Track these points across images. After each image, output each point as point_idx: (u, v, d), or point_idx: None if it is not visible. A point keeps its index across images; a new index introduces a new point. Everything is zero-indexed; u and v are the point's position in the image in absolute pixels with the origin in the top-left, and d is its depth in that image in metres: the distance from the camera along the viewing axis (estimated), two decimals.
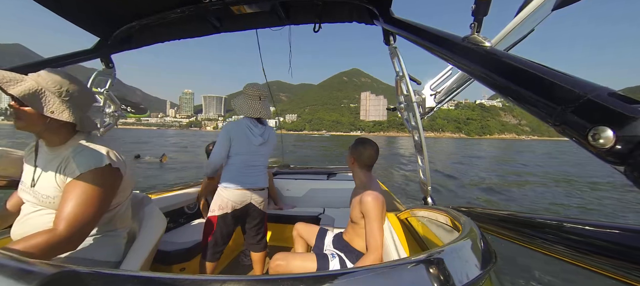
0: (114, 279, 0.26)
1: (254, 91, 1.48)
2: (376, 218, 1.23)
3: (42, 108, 0.76)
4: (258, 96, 1.49)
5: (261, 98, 1.50)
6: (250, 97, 1.48)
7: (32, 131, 0.82)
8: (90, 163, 0.79)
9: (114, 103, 1.84)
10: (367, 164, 1.38)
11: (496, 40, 0.78)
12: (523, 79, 0.40)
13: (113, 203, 0.90)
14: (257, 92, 1.48)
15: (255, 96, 1.48)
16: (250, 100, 1.48)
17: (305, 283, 0.24)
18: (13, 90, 0.73)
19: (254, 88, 1.48)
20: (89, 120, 0.91)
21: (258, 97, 1.49)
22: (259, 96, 1.49)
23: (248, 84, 1.53)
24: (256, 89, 1.48)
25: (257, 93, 1.48)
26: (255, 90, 1.48)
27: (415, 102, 1.43)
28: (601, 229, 0.36)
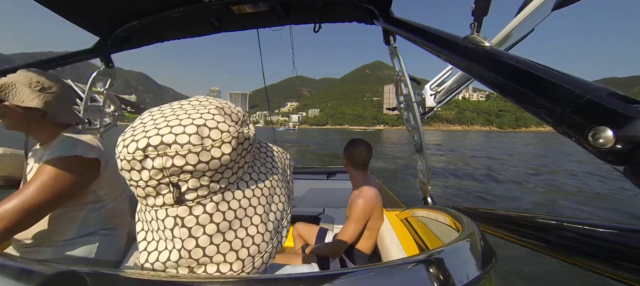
0: (114, 279, 0.26)
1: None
2: (355, 220, 1.29)
3: (14, 99, 0.81)
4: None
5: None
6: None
7: (18, 127, 0.86)
8: (59, 151, 0.80)
9: (114, 103, 1.84)
10: (360, 164, 1.40)
11: (496, 40, 0.78)
12: (523, 79, 0.40)
13: (105, 196, 0.91)
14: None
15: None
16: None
17: (305, 283, 0.24)
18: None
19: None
20: (69, 113, 0.94)
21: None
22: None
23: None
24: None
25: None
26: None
27: (415, 102, 1.43)
28: (601, 229, 0.36)
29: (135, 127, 0.32)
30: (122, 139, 0.31)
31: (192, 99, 0.37)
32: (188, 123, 0.30)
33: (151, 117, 0.33)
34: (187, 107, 0.34)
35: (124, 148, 0.30)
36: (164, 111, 0.34)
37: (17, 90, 0.82)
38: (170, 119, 0.31)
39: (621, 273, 0.32)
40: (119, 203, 0.98)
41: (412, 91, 1.44)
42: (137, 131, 0.31)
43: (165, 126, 0.30)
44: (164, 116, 0.32)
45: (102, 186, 0.90)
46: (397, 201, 2.18)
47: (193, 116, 0.31)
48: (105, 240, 0.92)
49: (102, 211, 0.91)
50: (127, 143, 0.30)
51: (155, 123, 0.31)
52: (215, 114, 0.33)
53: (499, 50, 0.50)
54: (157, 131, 0.30)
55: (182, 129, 0.29)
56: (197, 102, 0.35)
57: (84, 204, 0.88)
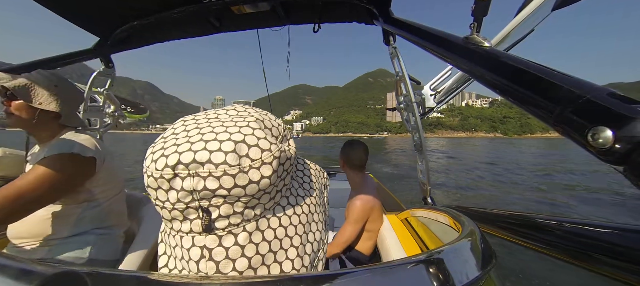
0: (114, 279, 0.26)
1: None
2: (352, 221, 1.29)
3: (31, 100, 0.83)
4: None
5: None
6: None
7: (23, 126, 0.87)
8: (56, 149, 0.80)
9: (114, 103, 1.84)
10: (357, 165, 1.40)
11: (496, 40, 0.78)
12: (522, 79, 0.40)
13: (100, 195, 0.92)
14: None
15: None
16: None
17: (305, 283, 0.24)
18: (7, 84, 0.80)
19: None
20: (76, 117, 0.97)
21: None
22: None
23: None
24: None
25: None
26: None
27: (415, 102, 1.43)
28: (601, 229, 0.36)
29: (167, 139, 0.28)
30: (151, 152, 0.27)
31: (229, 108, 0.33)
32: (225, 138, 0.26)
33: (184, 128, 0.29)
34: (224, 117, 0.30)
35: (152, 163, 0.26)
36: (198, 122, 0.30)
37: (36, 91, 0.84)
38: (205, 132, 0.27)
39: (621, 273, 0.32)
40: (114, 202, 0.98)
41: (412, 91, 1.44)
42: (168, 143, 0.27)
43: (199, 141, 0.26)
44: (198, 127, 0.28)
45: (97, 184, 0.90)
46: (397, 202, 2.18)
47: (230, 130, 0.28)
48: (101, 239, 0.92)
49: (96, 210, 0.92)
50: (157, 158, 0.26)
51: (189, 136, 0.27)
52: (256, 128, 0.29)
53: (498, 50, 0.50)
54: (189, 145, 0.26)
55: (217, 146, 0.26)
56: (234, 112, 0.31)
57: (78, 203, 0.88)
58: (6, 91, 0.82)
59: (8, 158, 1.09)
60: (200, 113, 0.32)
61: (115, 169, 0.99)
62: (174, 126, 0.30)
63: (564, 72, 0.36)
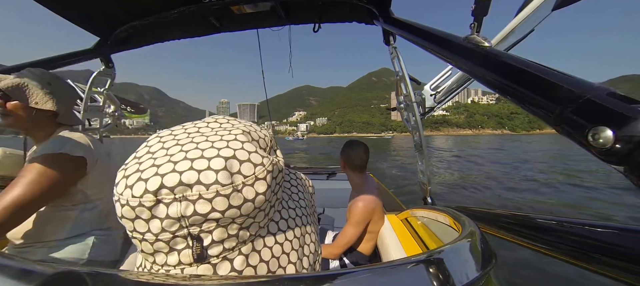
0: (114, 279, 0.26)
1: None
2: (354, 223, 1.28)
3: (27, 100, 0.81)
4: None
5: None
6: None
7: (19, 126, 0.86)
8: (46, 149, 0.79)
9: (114, 103, 1.84)
10: (358, 166, 1.40)
11: (496, 40, 0.78)
12: (523, 79, 0.40)
13: (95, 196, 0.91)
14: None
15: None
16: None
17: (305, 283, 0.24)
18: (0, 84, 0.78)
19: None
20: (73, 115, 0.96)
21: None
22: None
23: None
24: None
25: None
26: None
27: (415, 102, 1.43)
28: (601, 229, 0.36)
29: (141, 159, 0.24)
30: (123, 176, 0.23)
31: (210, 120, 0.30)
32: (212, 155, 0.24)
33: (162, 145, 0.25)
34: (206, 131, 0.27)
35: (126, 189, 0.22)
36: (177, 136, 0.27)
37: (31, 91, 0.83)
38: (188, 149, 0.24)
39: (621, 273, 0.32)
40: (113, 204, 0.97)
41: (412, 91, 1.44)
42: (145, 164, 0.23)
43: (183, 159, 0.23)
44: (179, 143, 0.25)
45: (89, 185, 0.89)
46: (397, 202, 2.18)
47: (217, 145, 0.25)
48: (100, 240, 0.92)
49: (94, 212, 0.91)
50: (132, 183, 0.22)
51: (169, 154, 0.24)
52: (244, 141, 0.26)
53: (498, 50, 0.50)
54: (172, 165, 0.23)
55: (206, 164, 0.23)
56: (217, 125, 0.29)
57: (74, 204, 0.88)
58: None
59: (8, 158, 1.09)
60: (177, 127, 0.29)
61: (111, 170, 0.97)
62: (147, 142, 0.27)
63: (564, 72, 0.36)
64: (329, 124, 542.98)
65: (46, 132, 0.89)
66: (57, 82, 0.90)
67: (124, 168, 0.25)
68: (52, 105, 0.86)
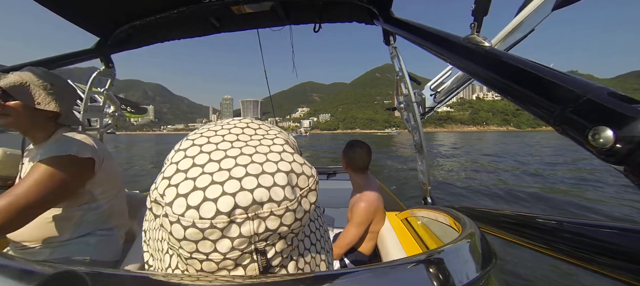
0: (114, 279, 0.26)
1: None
2: (356, 224, 1.29)
3: (29, 100, 0.80)
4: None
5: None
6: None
7: (18, 127, 0.84)
8: (53, 151, 0.78)
9: (114, 103, 1.84)
10: (360, 166, 1.40)
11: (496, 40, 0.78)
12: (523, 79, 0.40)
13: (100, 196, 0.91)
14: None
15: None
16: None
17: (304, 283, 0.24)
18: (1, 83, 0.76)
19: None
20: (73, 115, 0.95)
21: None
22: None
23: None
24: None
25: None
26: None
27: (415, 102, 1.43)
28: (601, 229, 0.36)
29: (189, 172, 0.23)
30: (177, 194, 0.22)
31: (242, 125, 0.29)
32: (273, 170, 0.23)
33: (207, 156, 0.24)
34: (246, 138, 0.27)
35: (190, 210, 0.21)
36: (218, 145, 0.25)
37: (33, 90, 0.81)
38: (244, 162, 0.24)
39: (621, 273, 0.32)
40: (116, 203, 0.97)
41: (412, 91, 1.44)
42: (202, 180, 0.22)
43: (245, 176, 0.22)
44: (227, 155, 0.24)
45: (97, 185, 0.89)
46: (397, 202, 2.18)
47: (272, 157, 0.25)
48: (103, 240, 0.92)
49: (98, 212, 0.91)
50: (196, 203, 0.21)
51: (224, 168, 0.23)
52: (293, 152, 0.26)
53: (499, 50, 0.50)
54: (238, 183, 0.22)
55: (270, 180, 0.23)
56: (252, 131, 0.28)
57: (80, 205, 0.87)
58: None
59: (8, 158, 1.09)
60: (209, 132, 0.28)
61: (115, 169, 0.97)
62: (186, 151, 0.25)
63: (564, 72, 0.36)
64: (332, 120, 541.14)
65: (46, 132, 0.88)
66: (59, 83, 0.89)
67: (172, 184, 0.22)
68: (54, 106, 0.84)
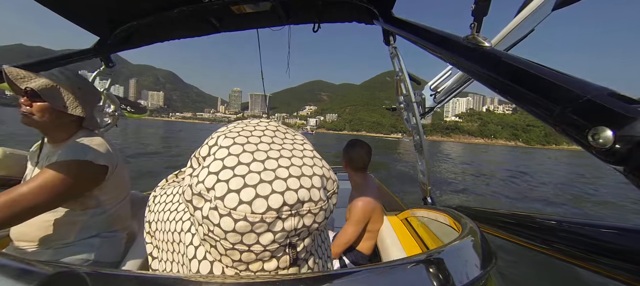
0: (114, 279, 0.26)
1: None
2: (354, 222, 1.29)
3: (57, 103, 0.81)
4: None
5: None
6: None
7: (41, 127, 0.85)
8: (69, 154, 0.78)
9: (114, 103, 1.84)
10: (359, 166, 1.40)
11: (496, 40, 0.77)
12: (523, 79, 0.40)
13: (107, 201, 0.90)
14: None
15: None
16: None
17: (305, 283, 0.24)
18: (31, 84, 0.77)
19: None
20: (94, 118, 0.95)
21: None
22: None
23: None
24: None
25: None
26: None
27: (415, 102, 1.43)
28: (601, 229, 0.36)
29: (236, 169, 0.25)
30: (228, 189, 0.24)
31: (271, 127, 0.31)
32: (309, 173, 0.26)
33: (251, 155, 0.26)
34: (279, 141, 0.29)
35: (243, 205, 0.23)
36: (258, 145, 0.28)
37: (62, 93, 0.82)
38: (285, 165, 0.26)
39: (621, 273, 0.32)
40: (120, 207, 0.97)
41: (412, 91, 1.44)
42: (251, 178, 0.24)
43: (289, 177, 0.25)
44: (269, 156, 0.27)
45: (105, 191, 0.89)
46: (397, 202, 2.18)
47: (307, 162, 0.28)
48: (106, 242, 0.92)
49: (104, 216, 0.91)
50: (249, 199, 0.23)
51: (268, 168, 0.25)
52: (320, 158, 0.29)
53: (499, 50, 0.50)
54: (284, 183, 0.25)
55: (310, 183, 0.25)
56: (282, 134, 0.30)
57: (85, 209, 0.87)
58: (26, 90, 0.79)
59: (8, 158, 1.09)
60: (245, 132, 0.29)
61: (124, 174, 0.97)
62: (229, 148, 0.27)
63: (564, 72, 0.36)
64: (339, 121, 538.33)
65: (67, 134, 0.88)
66: (85, 86, 0.90)
67: (222, 179, 0.24)
68: (81, 110, 0.85)
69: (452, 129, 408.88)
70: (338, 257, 1.38)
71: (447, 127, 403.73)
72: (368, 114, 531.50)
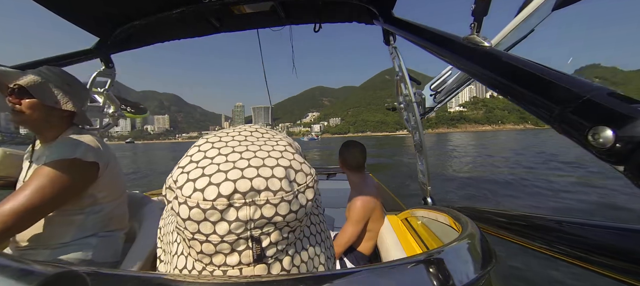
0: (114, 279, 0.26)
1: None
2: (353, 222, 1.30)
3: (47, 98, 0.80)
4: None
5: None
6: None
7: (31, 125, 0.84)
8: (59, 153, 0.77)
9: (114, 103, 1.84)
10: (354, 165, 1.42)
11: (496, 40, 0.78)
12: (523, 79, 0.40)
13: (103, 200, 0.90)
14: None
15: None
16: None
17: (304, 283, 0.24)
18: (19, 81, 0.77)
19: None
20: (85, 116, 0.95)
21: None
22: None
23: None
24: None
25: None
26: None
27: (415, 102, 1.43)
28: (601, 229, 0.36)
29: (200, 162, 0.26)
30: (187, 179, 0.25)
31: (250, 129, 0.32)
32: (273, 164, 0.26)
33: (217, 150, 0.27)
34: (253, 139, 0.29)
35: (196, 192, 0.24)
36: (228, 143, 0.28)
37: (51, 90, 0.82)
38: (248, 157, 0.26)
39: (621, 273, 0.32)
40: (117, 206, 0.97)
41: (412, 91, 1.44)
42: (210, 169, 0.25)
43: (248, 167, 0.25)
44: (235, 151, 0.27)
45: (100, 189, 0.89)
46: (397, 202, 2.18)
47: (274, 154, 0.27)
48: (103, 242, 0.91)
49: (100, 215, 0.90)
50: (202, 186, 0.24)
51: (230, 161, 0.26)
52: (294, 152, 0.29)
53: (498, 50, 0.50)
54: (240, 172, 0.25)
55: (269, 172, 0.25)
56: (259, 135, 0.31)
57: (82, 208, 0.87)
58: (14, 88, 0.78)
59: (7, 158, 1.09)
60: (222, 134, 0.31)
61: (118, 172, 0.97)
62: (200, 147, 0.28)
63: (564, 72, 0.36)
64: (343, 124, 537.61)
65: (56, 132, 0.88)
66: (74, 82, 0.90)
67: (185, 171, 0.26)
68: (71, 106, 0.85)
69: (457, 119, 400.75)
70: (338, 258, 1.38)
71: (452, 118, 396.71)
72: (371, 114, 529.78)
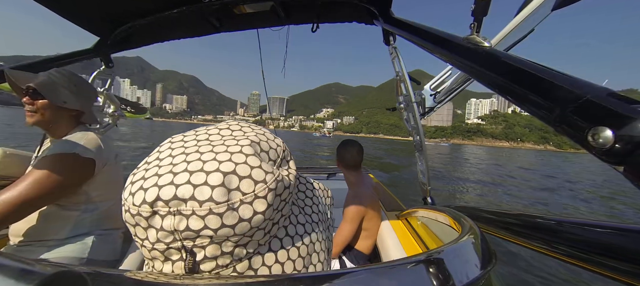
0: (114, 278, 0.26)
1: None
2: (348, 220, 1.31)
3: (56, 98, 0.86)
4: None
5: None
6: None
7: (43, 124, 0.89)
8: (59, 148, 0.81)
9: (114, 103, 1.84)
10: (351, 165, 1.43)
11: (496, 40, 0.78)
12: (522, 79, 0.40)
13: (97, 198, 0.91)
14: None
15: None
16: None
17: (304, 283, 0.24)
18: (32, 83, 0.83)
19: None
20: (92, 114, 1.00)
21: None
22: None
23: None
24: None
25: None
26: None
27: (415, 102, 1.44)
28: (601, 229, 0.36)
29: (149, 165, 0.25)
30: (130, 181, 0.24)
31: (223, 126, 0.30)
32: (212, 169, 0.23)
33: (170, 151, 0.26)
34: (215, 138, 0.27)
35: (130, 197, 0.23)
36: (186, 142, 0.27)
37: (59, 90, 0.87)
38: (191, 160, 0.24)
39: (621, 273, 0.32)
40: (114, 206, 0.97)
41: (412, 91, 1.44)
42: (150, 172, 0.24)
43: (183, 171, 0.23)
44: (185, 153, 0.25)
45: (95, 187, 0.90)
46: (397, 202, 2.18)
47: (220, 158, 0.24)
48: (99, 240, 0.92)
49: (95, 213, 0.91)
50: (135, 190, 0.23)
51: (173, 164, 0.24)
52: (249, 154, 0.25)
53: (498, 50, 0.50)
54: (172, 177, 0.23)
55: (203, 178, 0.22)
56: (228, 132, 0.28)
57: (76, 205, 0.88)
58: (28, 90, 0.84)
59: (8, 157, 1.09)
60: (190, 133, 0.29)
61: (117, 174, 0.98)
62: (160, 147, 0.27)
63: (564, 72, 0.36)
64: (356, 123, 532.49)
65: (65, 129, 0.92)
66: (81, 83, 0.95)
67: (133, 173, 0.25)
68: (79, 105, 0.91)
69: (474, 131, 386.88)
70: (337, 257, 1.38)
71: (469, 130, 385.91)
72: (385, 117, 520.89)
